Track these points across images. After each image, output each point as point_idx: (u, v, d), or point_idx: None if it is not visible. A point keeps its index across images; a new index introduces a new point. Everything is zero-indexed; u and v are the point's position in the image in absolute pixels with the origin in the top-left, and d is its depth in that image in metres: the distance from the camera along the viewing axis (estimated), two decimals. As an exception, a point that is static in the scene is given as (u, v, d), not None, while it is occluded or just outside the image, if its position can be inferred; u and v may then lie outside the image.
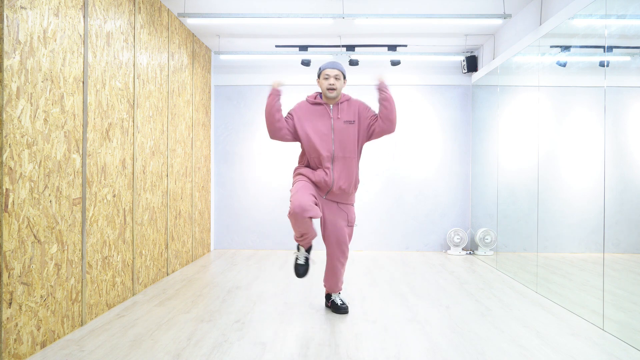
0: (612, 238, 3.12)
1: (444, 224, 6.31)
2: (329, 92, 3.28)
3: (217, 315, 3.33)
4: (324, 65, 3.36)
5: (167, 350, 2.67)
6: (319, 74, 3.35)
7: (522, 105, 4.60)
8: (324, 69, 3.32)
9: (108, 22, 3.40)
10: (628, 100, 3.07)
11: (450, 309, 3.53)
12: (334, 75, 3.29)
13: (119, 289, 3.58)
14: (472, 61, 6.01)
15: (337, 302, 3.46)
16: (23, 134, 2.49)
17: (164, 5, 4.49)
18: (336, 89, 3.29)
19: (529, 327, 3.13)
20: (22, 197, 2.49)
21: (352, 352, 2.66)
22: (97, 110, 3.24)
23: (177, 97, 4.88)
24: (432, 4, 4.66)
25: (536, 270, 4.12)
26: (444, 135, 6.34)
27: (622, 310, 2.97)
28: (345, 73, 3.36)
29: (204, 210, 5.86)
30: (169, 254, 4.61)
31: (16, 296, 2.45)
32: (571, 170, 3.74)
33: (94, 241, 3.20)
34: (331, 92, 3.28)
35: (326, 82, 3.29)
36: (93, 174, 3.19)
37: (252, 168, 6.34)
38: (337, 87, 3.29)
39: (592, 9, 3.32)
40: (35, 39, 2.60)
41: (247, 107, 6.35)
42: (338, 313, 3.42)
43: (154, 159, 4.23)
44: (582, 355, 2.65)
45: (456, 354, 2.65)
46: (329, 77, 3.29)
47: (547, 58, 4.07)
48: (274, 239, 6.30)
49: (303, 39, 5.73)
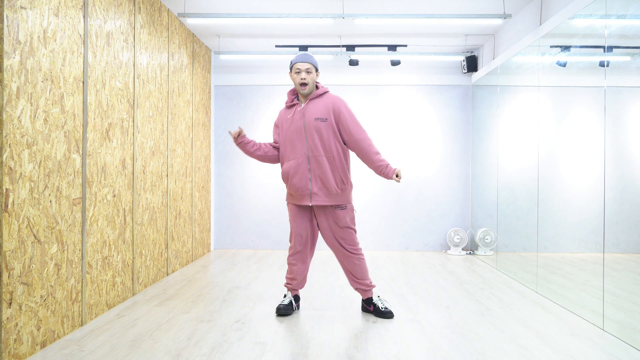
0: (612, 238, 3.12)
1: (444, 224, 6.31)
2: (302, 88, 3.21)
3: (217, 315, 3.33)
4: (294, 58, 3.25)
5: (167, 350, 2.67)
6: (291, 68, 3.26)
7: (522, 105, 4.60)
8: (295, 62, 3.22)
9: (108, 22, 3.40)
10: (628, 100, 3.07)
11: (450, 309, 3.53)
12: (305, 69, 3.19)
13: (119, 289, 3.58)
14: (472, 61, 6.01)
15: (379, 307, 3.31)
16: (23, 134, 2.49)
17: (164, 5, 4.49)
18: (308, 84, 3.19)
19: (529, 327, 3.13)
20: (22, 197, 2.49)
21: (352, 352, 2.66)
22: (97, 110, 3.24)
23: (177, 97, 4.88)
24: (432, 4, 4.66)
25: (536, 270, 4.12)
26: (444, 135, 6.34)
27: (622, 310, 2.97)
28: (317, 65, 3.26)
29: (204, 210, 5.86)
30: (169, 254, 4.61)
31: (16, 296, 2.45)
32: (571, 170, 3.74)
33: (94, 241, 3.20)
34: (303, 87, 3.20)
35: (297, 77, 3.20)
36: (93, 174, 3.19)
37: (252, 168, 6.34)
38: (309, 82, 3.19)
39: (592, 9, 3.32)
40: (35, 39, 2.60)
41: (247, 107, 6.35)
42: (382, 318, 3.29)
43: (154, 159, 4.23)
44: (582, 355, 2.65)
45: (456, 354, 2.65)
46: (300, 71, 3.20)
47: (547, 58, 4.07)
48: (274, 239, 6.30)
49: (303, 39, 5.73)
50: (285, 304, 3.38)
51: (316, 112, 3.20)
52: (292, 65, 3.25)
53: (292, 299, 3.43)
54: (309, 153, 3.19)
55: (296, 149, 3.22)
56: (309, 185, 3.20)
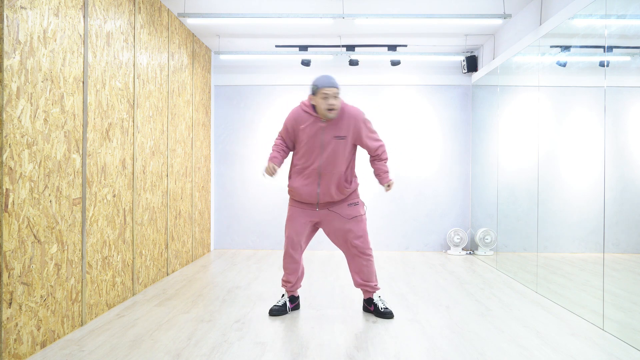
0: (612, 238, 3.12)
1: (444, 224, 6.31)
2: (329, 113, 3.09)
3: (217, 315, 3.33)
4: (320, 82, 3.09)
5: (167, 350, 2.67)
6: (315, 92, 3.10)
7: (522, 105, 4.60)
8: (322, 87, 3.06)
9: (108, 22, 3.40)
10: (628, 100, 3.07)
11: (450, 309, 3.53)
12: (333, 95, 3.07)
13: (119, 289, 3.58)
14: (472, 61, 6.01)
15: (379, 307, 3.31)
16: (23, 134, 2.49)
17: (164, 5, 4.49)
18: (335, 109, 3.09)
19: (529, 327, 3.13)
20: (22, 197, 2.49)
21: (352, 352, 2.66)
22: (97, 110, 3.24)
23: (177, 97, 4.88)
24: (432, 4, 4.66)
25: (536, 270, 4.12)
26: (444, 135, 6.34)
27: (622, 310, 2.97)
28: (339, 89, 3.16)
29: (204, 210, 5.86)
30: (169, 254, 4.61)
31: (16, 296, 2.45)
32: (571, 170, 3.74)
33: (94, 241, 3.20)
34: (331, 112, 3.09)
35: (325, 103, 3.06)
36: (93, 174, 3.19)
37: (252, 168, 6.34)
38: (337, 107, 3.09)
39: (592, 9, 3.32)
40: (35, 39, 2.60)
41: (247, 107, 6.35)
42: (382, 318, 3.29)
43: (154, 159, 4.23)
44: (582, 355, 2.65)
45: (456, 354, 2.65)
46: (327, 96, 3.06)
47: (547, 58, 4.07)
48: (274, 239, 6.30)
49: (303, 39, 5.73)
50: (279, 305, 3.39)
51: (336, 130, 3.17)
52: (318, 89, 3.08)
53: (288, 299, 3.43)
54: (321, 170, 3.20)
55: (309, 161, 3.21)
56: (317, 197, 3.25)
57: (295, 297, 3.48)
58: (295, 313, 3.42)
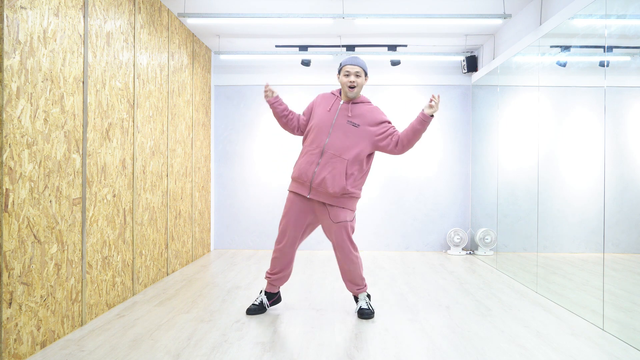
0: (612, 238, 3.12)
1: (444, 224, 6.31)
2: (349, 91, 3.19)
3: (217, 315, 3.33)
4: (344, 60, 3.23)
5: (167, 350, 2.67)
6: (340, 70, 3.24)
7: (522, 105, 4.60)
8: (345, 64, 3.20)
9: (108, 22, 3.40)
10: (628, 100, 3.07)
11: (450, 309, 3.53)
12: (355, 72, 3.17)
13: (119, 289, 3.58)
14: (472, 61, 6.01)
15: (362, 306, 3.32)
16: (23, 134, 2.49)
17: (164, 5, 4.49)
18: (356, 87, 3.18)
19: (529, 327, 3.13)
20: (22, 197, 2.49)
21: (352, 352, 2.66)
22: (97, 110, 3.24)
23: (177, 97, 4.88)
24: (432, 4, 4.66)
25: (536, 270, 4.12)
26: (444, 135, 6.34)
27: (622, 310, 2.97)
28: (366, 69, 3.24)
29: (204, 210, 5.86)
30: (169, 254, 4.61)
31: (16, 296, 2.45)
32: (571, 170, 3.74)
33: (94, 241, 3.20)
34: (351, 90, 3.18)
35: (346, 79, 3.18)
36: (93, 174, 3.19)
37: (252, 168, 6.34)
38: (358, 85, 3.19)
39: (592, 9, 3.32)
40: (35, 39, 2.60)
41: (247, 107, 6.35)
42: (361, 317, 3.27)
43: (154, 159, 4.23)
44: (582, 355, 2.65)
45: (456, 354, 2.65)
46: (349, 74, 3.17)
47: (547, 58, 4.07)
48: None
49: (303, 39, 5.73)
50: (256, 304, 3.37)
51: (351, 115, 3.19)
52: (342, 67, 3.22)
53: (265, 297, 3.39)
54: (325, 149, 3.16)
55: (316, 139, 3.19)
56: (312, 176, 3.15)
57: (274, 294, 3.42)
58: (295, 313, 3.42)
